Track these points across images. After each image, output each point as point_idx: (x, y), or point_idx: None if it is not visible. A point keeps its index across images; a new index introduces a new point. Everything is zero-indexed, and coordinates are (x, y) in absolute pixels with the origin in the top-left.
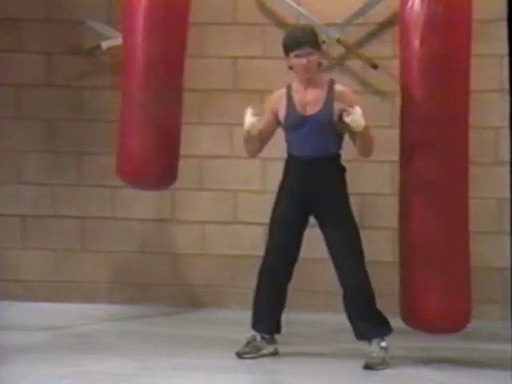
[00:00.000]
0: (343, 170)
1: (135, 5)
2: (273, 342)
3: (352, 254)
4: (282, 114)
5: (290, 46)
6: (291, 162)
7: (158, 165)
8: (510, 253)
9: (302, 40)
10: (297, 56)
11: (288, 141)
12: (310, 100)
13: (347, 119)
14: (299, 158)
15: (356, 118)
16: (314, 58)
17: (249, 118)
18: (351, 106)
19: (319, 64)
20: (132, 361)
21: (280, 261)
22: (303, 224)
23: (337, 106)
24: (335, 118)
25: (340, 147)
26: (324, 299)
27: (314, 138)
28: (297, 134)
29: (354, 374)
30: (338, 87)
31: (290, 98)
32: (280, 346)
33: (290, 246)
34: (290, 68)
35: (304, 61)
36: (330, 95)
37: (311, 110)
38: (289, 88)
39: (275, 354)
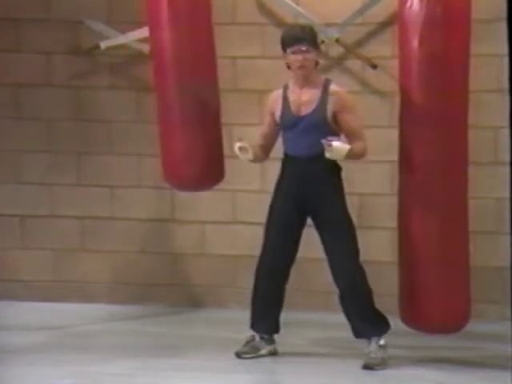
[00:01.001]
0: (339, 169)
1: (160, 1)
2: (272, 341)
3: (348, 253)
4: (278, 115)
5: (287, 43)
6: (287, 162)
7: (200, 165)
8: (510, 253)
9: (299, 37)
10: (293, 53)
11: (284, 141)
12: (305, 100)
13: (327, 155)
14: (295, 157)
15: (335, 152)
16: (311, 55)
17: (239, 154)
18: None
19: (316, 63)
20: (132, 361)
21: (277, 262)
22: (300, 225)
23: (330, 106)
24: (329, 118)
25: None
26: (322, 299)
27: (309, 138)
28: (292, 134)
29: (353, 374)
30: (333, 87)
31: (285, 98)
32: (279, 345)
33: (287, 247)
34: (289, 67)
35: (300, 57)
36: (325, 95)
37: (305, 110)
38: (285, 88)
39: (274, 353)
